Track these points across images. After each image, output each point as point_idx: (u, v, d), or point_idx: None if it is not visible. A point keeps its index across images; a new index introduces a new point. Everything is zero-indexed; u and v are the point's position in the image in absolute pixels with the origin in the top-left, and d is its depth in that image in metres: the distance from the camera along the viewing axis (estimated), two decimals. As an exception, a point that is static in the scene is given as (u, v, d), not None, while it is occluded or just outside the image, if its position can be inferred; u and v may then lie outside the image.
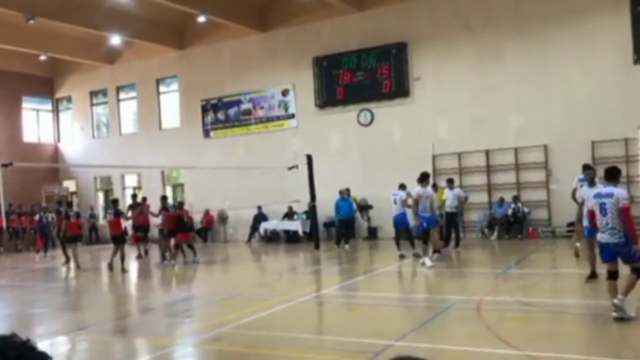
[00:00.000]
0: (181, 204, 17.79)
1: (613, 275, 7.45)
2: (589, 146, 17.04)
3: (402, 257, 14.54)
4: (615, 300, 7.23)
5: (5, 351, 1.04)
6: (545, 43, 17.73)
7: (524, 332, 7.53)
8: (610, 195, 7.38)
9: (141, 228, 17.74)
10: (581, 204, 10.05)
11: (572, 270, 10.01)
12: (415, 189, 13.57)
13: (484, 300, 9.32)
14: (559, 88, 17.61)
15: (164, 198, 17.72)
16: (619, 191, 7.46)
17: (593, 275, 9.60)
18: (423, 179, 13.41)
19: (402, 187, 15.22)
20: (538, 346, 6.58)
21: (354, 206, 19.14)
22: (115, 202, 17.51)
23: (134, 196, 19.35)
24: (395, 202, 14.94)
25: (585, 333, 7.79)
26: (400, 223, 14.97)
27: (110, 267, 15.30)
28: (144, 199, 18.80)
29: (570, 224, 16.63)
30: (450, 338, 7.26)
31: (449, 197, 15.93)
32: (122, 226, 16.39)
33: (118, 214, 16.39)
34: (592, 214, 8.00)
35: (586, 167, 10.64)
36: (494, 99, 18.45)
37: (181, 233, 16.35)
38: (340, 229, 18.66)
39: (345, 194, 18.37)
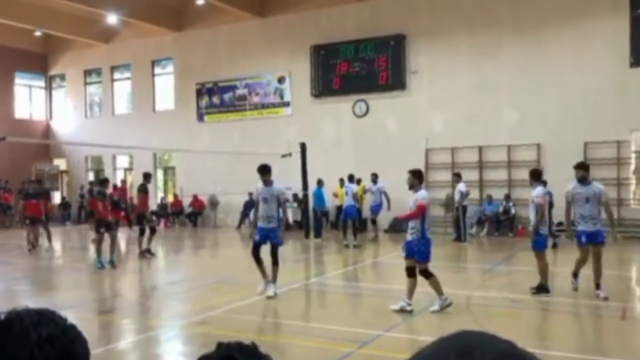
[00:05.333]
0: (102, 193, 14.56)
1: None
2: (581, 147, 17.11)
3: (346, 246, 15.64)
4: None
5: (48, 325, 1.03)
6: (543, 43, 17.74)
7: (512, 327, 7.57)
8: None
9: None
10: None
11: (558, 269, 10.09)
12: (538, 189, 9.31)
13: (472, 295, 9.36)
14: (554, 88, 17.63)
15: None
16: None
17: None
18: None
19: (351, 179, 16.69)
20: (525, 342, 6.61)
21: (325, 197, 18.88)
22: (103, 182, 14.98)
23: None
24: (346, 194, 16.17)
25: (571, 330, 7.85)
26: (349, 214, 16.09)
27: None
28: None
29: (560, 224, 16.71)
30: (440, 331, 7.26)
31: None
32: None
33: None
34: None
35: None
36: (490, 96, 18.46)
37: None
38: (315, 221, 18.65)
39: (321, 184, 18.45)
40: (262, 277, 9.38)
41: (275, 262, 9.36)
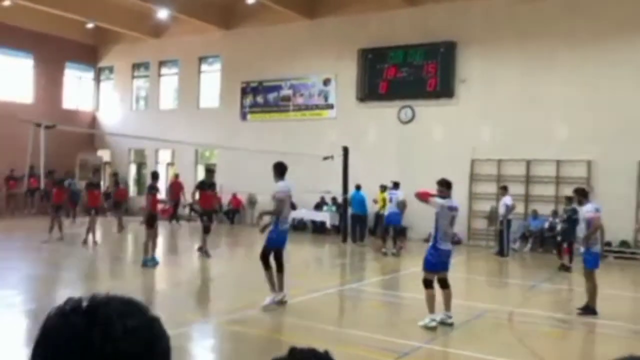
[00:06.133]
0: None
1: None
2: (635, 166, 16.46)
3: (385, 254, 15.27)
4: None
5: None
6: (599, 58, 17.10)
7: (559, 349, 7.20)
8: None
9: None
10: None
11: (604, 291, 9.61)
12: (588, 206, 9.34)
13: (515, 312, 9.00)
14: (610, 104, 16.97)
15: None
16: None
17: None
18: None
19: (397, 186, 16.15)
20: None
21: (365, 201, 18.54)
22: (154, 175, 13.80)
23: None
24: (390, 201, 15.77)
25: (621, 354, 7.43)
26: (391, 221, 15.76)
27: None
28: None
29: (607, 244, 16.09)
30: (481, 346, 6.96)
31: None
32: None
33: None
34: None
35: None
36: (540, 109, 17.90)
37: None
38: (352, 226, 18.29)
39: (359, 188, 18.27)
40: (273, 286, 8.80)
41: (264, 266, 8.92)
